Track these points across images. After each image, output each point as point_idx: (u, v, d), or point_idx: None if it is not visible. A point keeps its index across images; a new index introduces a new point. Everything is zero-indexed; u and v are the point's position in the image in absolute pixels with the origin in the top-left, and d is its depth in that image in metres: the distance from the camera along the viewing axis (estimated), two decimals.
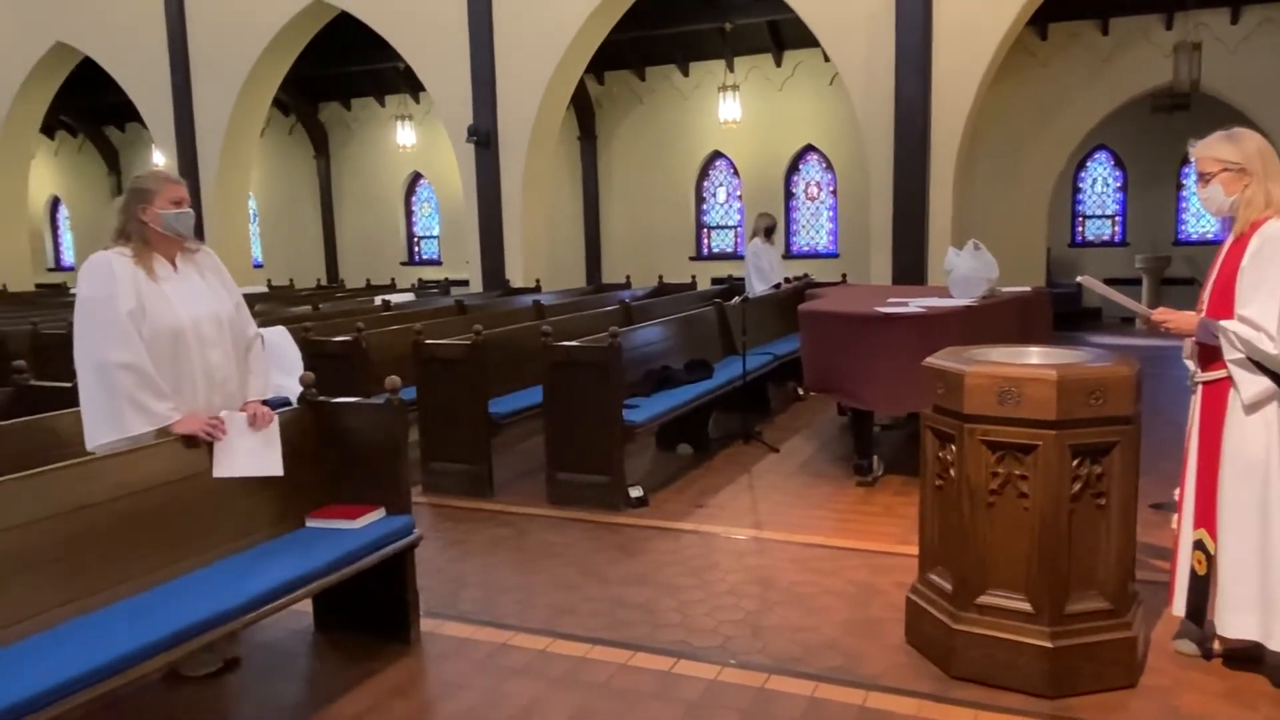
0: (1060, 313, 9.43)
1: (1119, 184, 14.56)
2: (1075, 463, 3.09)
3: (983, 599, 3.23)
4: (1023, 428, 3.09)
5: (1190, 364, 3.34)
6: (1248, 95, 11.65)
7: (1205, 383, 3.24)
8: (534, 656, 3.54)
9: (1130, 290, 13.77)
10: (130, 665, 2.51)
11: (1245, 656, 3.29)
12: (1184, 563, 3.30)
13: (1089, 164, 14.61)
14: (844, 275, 11.79)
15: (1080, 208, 14.83)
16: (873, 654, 3.49)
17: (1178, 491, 3.37)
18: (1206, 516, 3.21)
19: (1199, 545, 3.24)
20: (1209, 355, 3.20)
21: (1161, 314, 3.32)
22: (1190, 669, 3.30)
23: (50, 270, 20.96)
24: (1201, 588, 3.24)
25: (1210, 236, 14.00)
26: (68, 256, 21.47)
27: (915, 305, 5.65)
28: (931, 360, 3.42)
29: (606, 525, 5.09)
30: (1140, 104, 12.37)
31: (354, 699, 3.25)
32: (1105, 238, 14.69)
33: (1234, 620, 3.14)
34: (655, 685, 3.29)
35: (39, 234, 20.69)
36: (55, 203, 21.34)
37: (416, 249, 18.11)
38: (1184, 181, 14.08)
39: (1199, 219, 14.15)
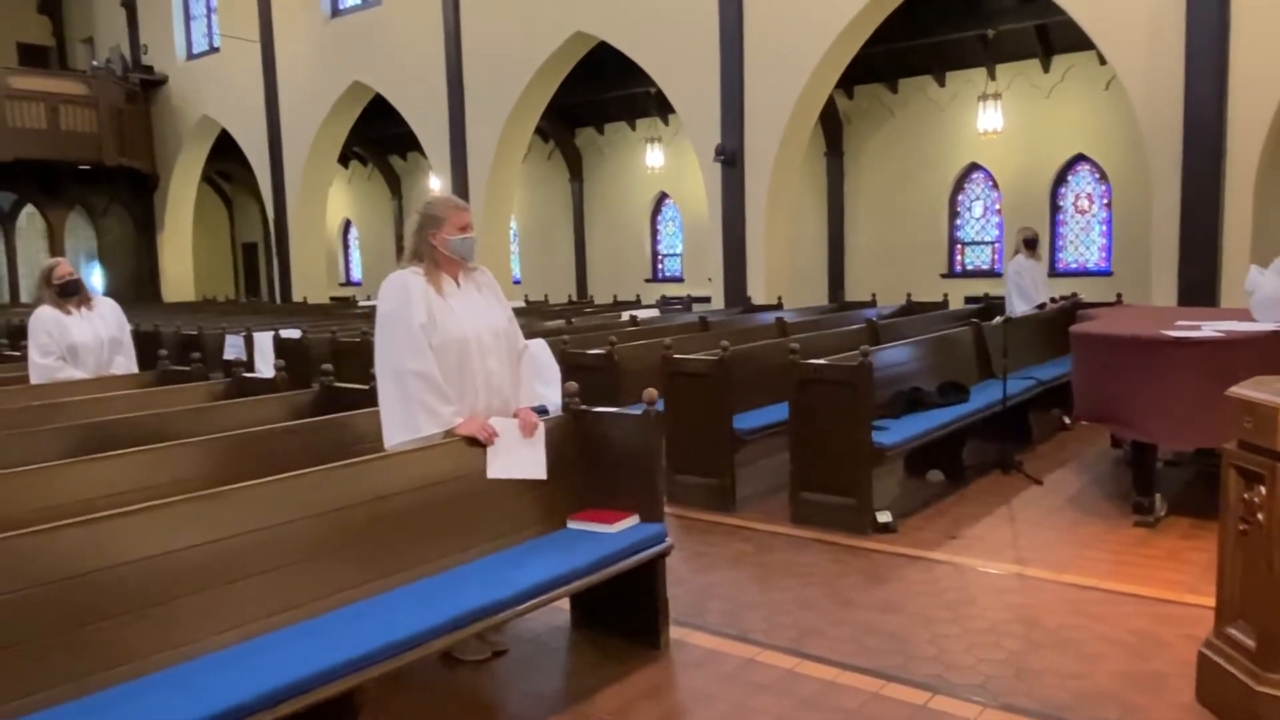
0: None
1: None
2: None
3: None
4: None
5: None
6: None
7: None
8: (782, 675, 3.51)
9: None
10: (419, 644, 2.76)
11: None
12: None
13: None
14: (1119, 295, 10.80)
15: None
16: (1157, 710, 3.16)
17: None
18: None
19: None
20: None
21: None
22: None
23: (342, 285, 23.52)
24: None
25: None
26: (356, 273, 23.99)
27: (1210, 329, 5.09)
28: (1236, 390, 3.07)
29: (852, 549, 4.96)
30: None
31: (607, 697, 3.37)
32: None
33: None
34: (909, 718, 3.17)
35: (333, 253, 23.28)
36: (347, 225, 23.93)
37: (660, 266, 18.64)
38: None
39: None
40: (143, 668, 2.49)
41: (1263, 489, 2.90)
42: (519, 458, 3.53)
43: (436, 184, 15.40)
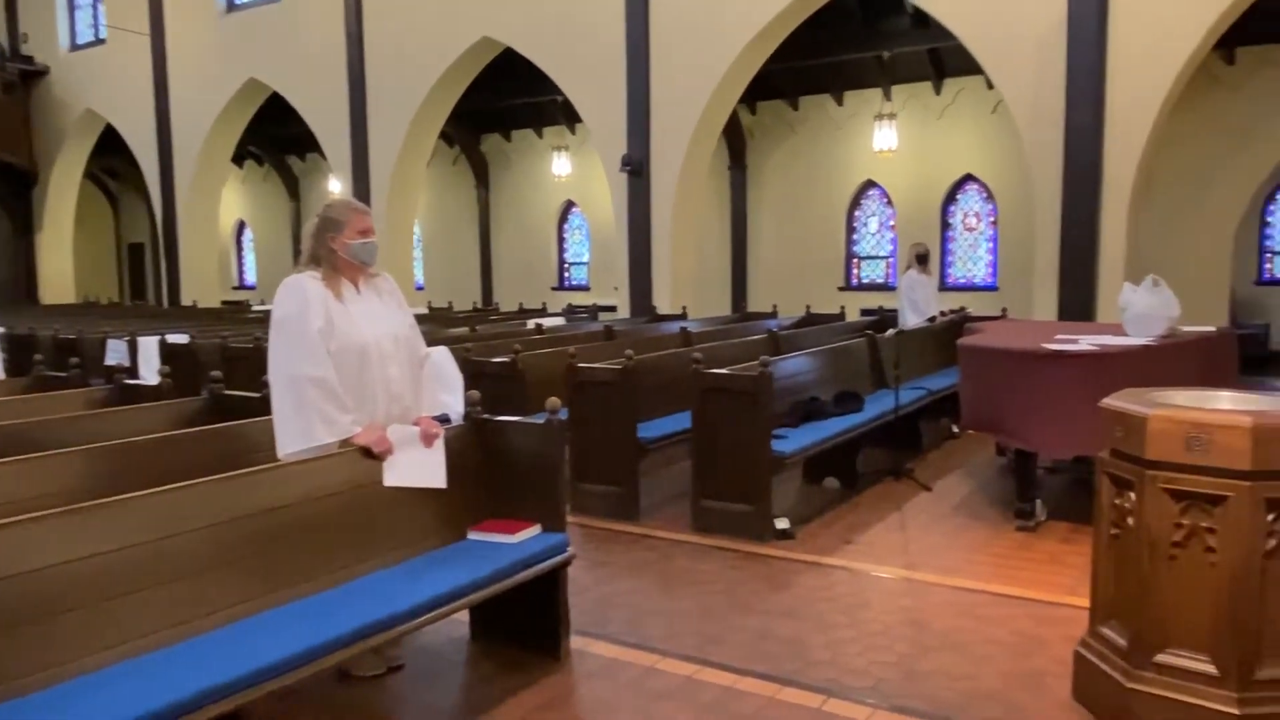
0: (1246, 356, 8.73)
1: None
2: (1271, 517, 2.86)
3: (1161, 658, 3.02)
4: (1212, 477, 2.89)
5: None
6: None
7: None
8: (682, 682, 3.54)
9: None
10: (310, 661, 2.68)
11: None
12: None
13: None
14: (1004, 310, 11.31)
15: (1269, 243, 13.70)
16: (1037, 708, 3.32)
17: None
18: None
19: None
20: None
21: None
22: None
23: (235, 288, 22.70)
24: None
25: None
26: (250, 276, 23.19)
27: (1086, 343, 5.37)
28: (1110, 401, 3.25)
29: (752, 555, 5.05)
30: None
31: (507, 709, 3.34)
32: None
33: None
34: None
35: (226, 255, 22.45)
36: (241, 226, 23.12)
37: (566, 275, 18.61)
38: None
39: None
40: (16, 690, 2.35)
41: (1132, 495, 3.08)
42: (418, 466, 3.47)
43: (337, 186, 15.04)
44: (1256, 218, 13.45)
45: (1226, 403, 3.19)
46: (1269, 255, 13.73)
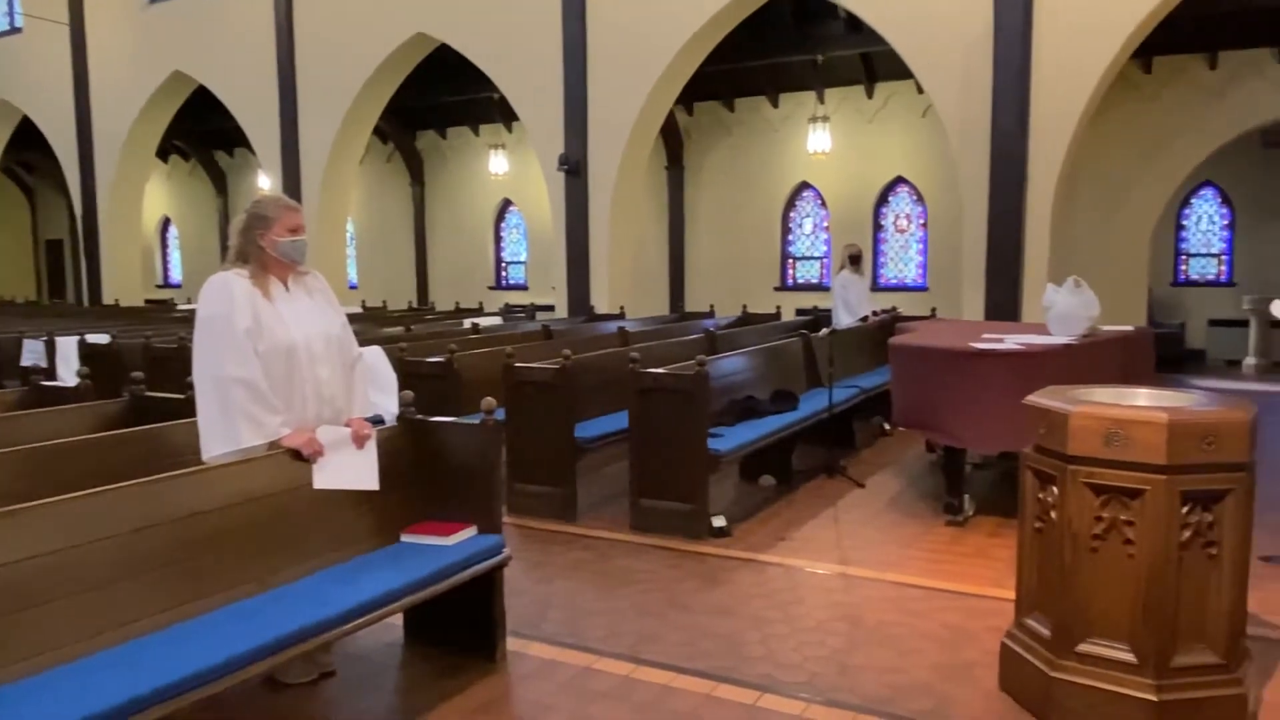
0: (1162, 354, 9.07)
1: (1226, 222, 13.98)
2: (1185, 509, 2.98)
3: (1083, 647, 3.12)
4: (1130, 471, 2.99)
5: None
6: None
7: None
8: (618, 682, 3.54)
9: (1235, 333, 13.27)
10: (237, 668, 2.61)
11: None
12: None
13: (1194, 201, 14.07)
14: (934, 310, 11.58)
15: (1184, 245, 14.28)
16: (965, 699, 3.40)
17: None
18: None
19: None
20: None
21: None
22: None
23: (159, 287, 22.01)
24: None
25: None
26: (175, 274, 22.52)
27: (1012, 342, 5.52)
28: (1033, 399, 3.34)
29: (689, 554, 5.07)
30: (1250, 139, 11.89)
31: (442, 713, 3.30)
32: (1210, 277, 14.11)
33: None
34: (740, 718, 3.26)
35: (150, 252, 21.77)
36: (166, 223, 22.43)
37: (504, 274, 18.47)
38: None
39: None
40: None
41: (1055, 489, 3.17)
42: (350, 468, 3.40)
43: (266, 183, 14.69)
44: (1172, 221, 14.00)
45: (1144, 400, 3.31)
46: (1184, 257, 14.30)
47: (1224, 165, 13.00)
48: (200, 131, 18.73)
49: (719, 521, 5.39)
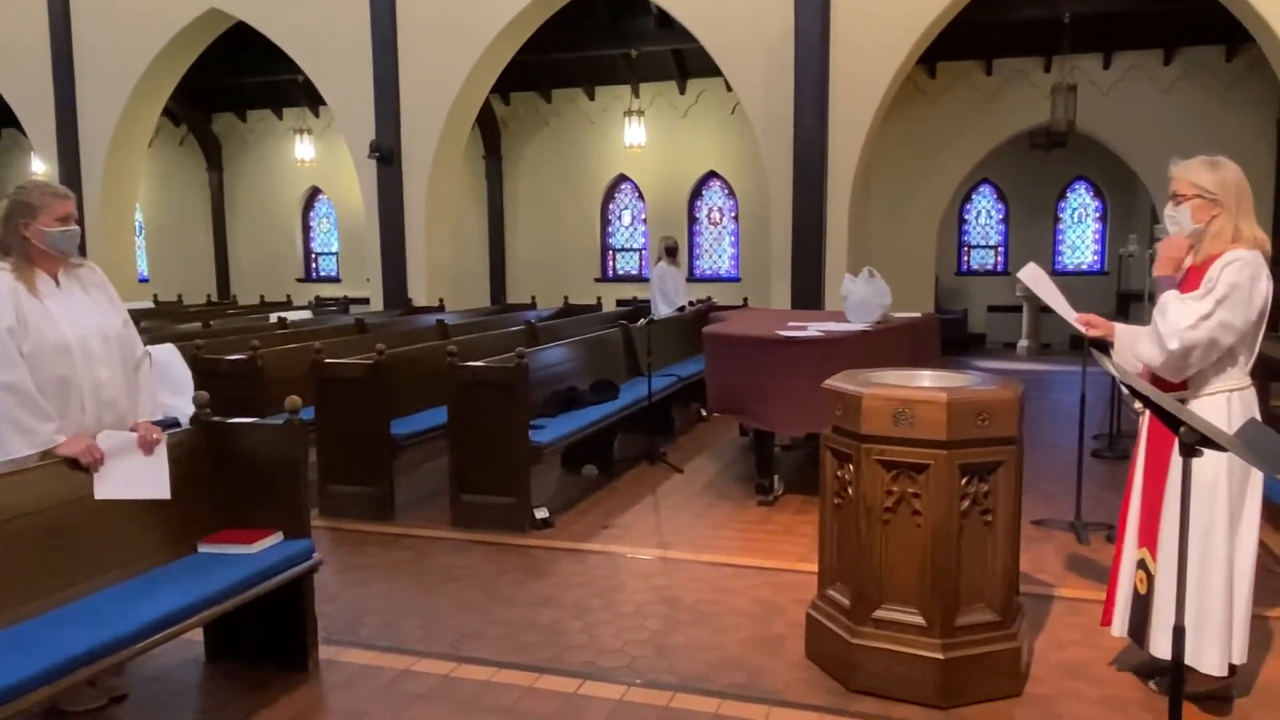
0: (948, 338, 9.85)
1: (1001, 216, 15.33)
2: (964, 481, 3.24)
3: (879, 613, 3.34)
4: (916, 448, 3.22)
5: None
6: (1118, 135, 12.45)
7: None
8: (438, 682, 3.48)
9: (1010, 318, 14.60)
10: (13, 698, 2.38)
11: (1214, 696, 3.24)
12: (1125, 582, 3.36)
13: (974, 196, 15.34)
14: (745, 299, 12.04)
15: (966, 238, 15.55)
16: (775, 670, 3.57)
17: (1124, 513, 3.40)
18: (1150, 536, 3.24)
19: (1141, 565, 3.26)
20: (1163, 380, 3.20)
21: (1085, 318, 3.50)
22: (1072, 678, 3.48)
23: None
24: (1144, 607, 3.23)
25: (1085, 268, 14.87)
26: None
27: (814, 329, 5.82)
28: (830, 383, 3.54)
29: (512, 547, 5.05)
30: (1020, 141, 13.06)
31: None
32: (989, 267, 15.42)
33: (1164, 640, 3.06)
34: (561, 707, 3.29)
35: None
36: None
37: (314, 266, 17.66)
38: (1060, 215, 14.96)
39: (1074, 250, 15.02)
40: None
41: (851, 467, 3.38)
42: (136, 476, 3.16)
43: (41, 168, 13.35)
44: (955, 215, 15.19)
45: (928, 380, 3.58)
46: (966, 249, 15.56)
47: (999, 164, 14.24)
48: None
49: (541, 513, 5.40)
